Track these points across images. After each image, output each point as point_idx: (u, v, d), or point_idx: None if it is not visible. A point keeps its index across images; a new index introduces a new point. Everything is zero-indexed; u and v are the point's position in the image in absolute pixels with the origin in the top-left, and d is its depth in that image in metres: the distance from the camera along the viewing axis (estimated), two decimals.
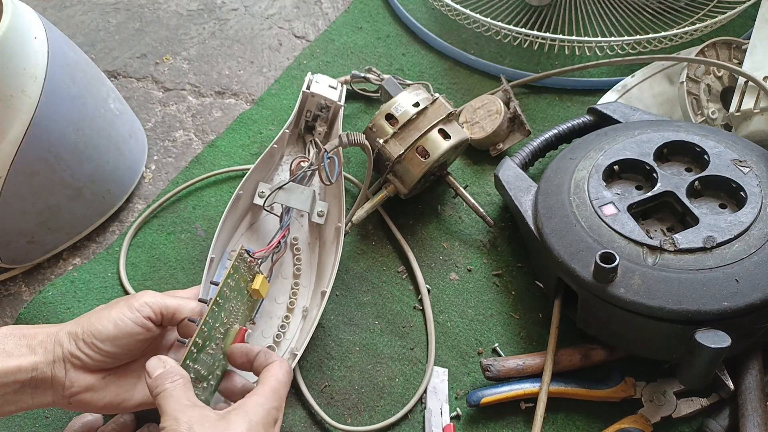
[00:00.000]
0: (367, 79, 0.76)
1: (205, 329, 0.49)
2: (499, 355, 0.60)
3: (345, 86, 0.74)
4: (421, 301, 0.64)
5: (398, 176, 0.65)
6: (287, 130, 0.67)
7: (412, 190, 0.66)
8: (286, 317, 0.60)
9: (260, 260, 0.56)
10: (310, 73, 0.71)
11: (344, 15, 0.91)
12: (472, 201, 0.66)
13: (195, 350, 0.48)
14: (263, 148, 0.76)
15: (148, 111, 0.81)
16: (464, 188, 0.68)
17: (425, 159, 0.63)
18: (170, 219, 0.71)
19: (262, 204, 0.61)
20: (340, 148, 0.60)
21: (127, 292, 0.65)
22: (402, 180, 0.65)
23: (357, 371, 0.60)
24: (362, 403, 0.58)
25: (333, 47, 0.86)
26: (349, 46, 0.86)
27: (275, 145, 0.65)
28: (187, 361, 0.48)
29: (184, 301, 0.52)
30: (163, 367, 0.46)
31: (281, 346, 0.58)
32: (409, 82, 0.74)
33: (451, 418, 0.57)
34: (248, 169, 0.64)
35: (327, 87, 0.70)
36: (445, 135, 0.64)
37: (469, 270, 0.66)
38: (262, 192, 0.62)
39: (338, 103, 0.70)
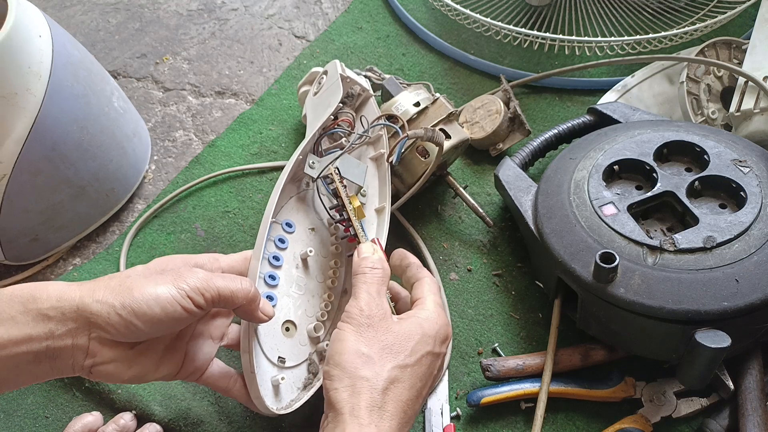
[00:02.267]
0: (368, 78, 0.76)
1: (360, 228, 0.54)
2: (499, 355, 0.60)
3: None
4: None
5: (399, 176, 0.65)
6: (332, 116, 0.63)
7: (413, 188, 0.66)
8: (329, 296, 0.58)
9: (323, 171, 0.57)
10: (336, 60, 0.67)
11: (344, 15, 0.91)
12: (472, 201, 0.66)
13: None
14: (263, 148, 0.76)
15: (148, 111, 0.81)
16: (464, 188, 0.68)
17: (425, 159, 0.63)
18: (170, 219, 0.71)
19: (316, 174, 0.58)
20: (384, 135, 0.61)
21: None
22: (402, 179, 0.65)
23: None
24: None
25: (333, 47, 0.86)
26: (349, 46, 0.86)
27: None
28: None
29: (235, 285, 0.46)
30: (371, 253, 0.50)
31: (325, 325, 0.57)
32: (407, 83, 0.74)
33: (451, 418, 0.57)
34: (249, 170, 0.65)
35: (355, 75, 0.68)
36: (446, 135, 0.64)
37: (469, 270, 0.66)
38: (313, 163, 0.58)
39: (369, 91, 0.67)
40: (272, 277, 0.54)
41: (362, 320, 0.45)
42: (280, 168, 0.74)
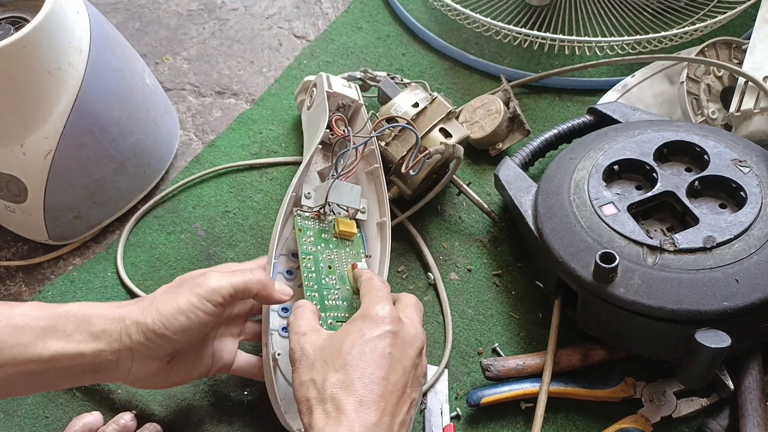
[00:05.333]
0: (363, 81, 0.76)
1: (312, 284, 0.54)
2: (499, 355, 0.60)
3: (356, 83, 0.73)
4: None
5: (402, 178, 0.65)
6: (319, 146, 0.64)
7: (417, 189, 0.66)
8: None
9: (317, 208, 0.59)
10: (323, 73, 0.68)
11: (344, 15, 0.91)
12: (476, 197, 0.67)
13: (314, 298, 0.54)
14: (263, 147, 0.76)
15: None
16: (467, 185, 0.68)
17: (422, 154, 0.63)
18: (170, 219, 0.71)
19: (313, 206, 0.60)
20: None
21: (128, 290, 0.65)
22: (405, 181, 0.65)
23: None
24: None
25: (333, 47, 0.86)
26: (349, 46, 0.86)
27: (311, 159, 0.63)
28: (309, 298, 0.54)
29: (247, 277, 0.50)
30: (294, 306, 0.52)
31: None
32: (405, 81, 0.74)
33: (451, 418, 0.57)
34: (247, 165, 0.65)
35: (342, 86, 0.68)
36: (446, 134, 0.65)
37: (469, 270, 0.66)
38: (308, 193, 0.60)
39: (359, 101, 0.68)
40: (285, 309, 0.57)
41: (296, 356, 0.47)
42: (280, 165, 0.75)
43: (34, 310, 0.46)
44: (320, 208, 0.59)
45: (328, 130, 0.64)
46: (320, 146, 0.65)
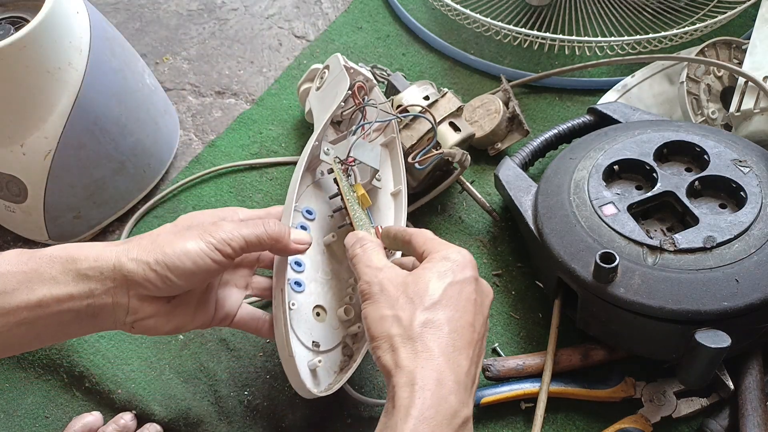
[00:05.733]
0: (374, 74, 0.76)
1: (363, 219, 0.53)
2: (499, 355, 0.60)
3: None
4: None
5: (408, 170, 0.65)
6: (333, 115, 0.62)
7: (421, 183, 0.66)
8: (355, 279, 0.56)
9: (354, 164, 0.58)
10: (338, 54, 0.66)
11: (344, 15, 0.91)
12: (479, 196, 0.67)
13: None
14: (263, 147, 0.76)
15: None
16: (470, 183, 0.68)
17: (436, 150, 0.64)
18: (170, 219, 0.70)
19: (331, 159, 0.58)
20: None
21: None
22: (412, 173, 0.65)
23: (356, 372, 0.60)
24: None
25: (333, 47, 0.86)
26: (349, 46, 0.86)
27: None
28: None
29: (260, 230, 0.48)
30: (354, 237, 0.49)
31: (355, 309, 0.56)
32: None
33: None
34: (247, 165, 0.65)
35: (357, 66, 0.67)
36: (455, 128, 0.65)
37: None
38: (327, 149, 0.59)
39: (373, 81, 0.67)
40: (298, 264, 0.54)
41: (373, 290, 0.45)
42: (281, 164, 0.75)
43: (14, 256, 0.43)
44: (344, 162, 0.58)
45: (343, 104, 0.63)
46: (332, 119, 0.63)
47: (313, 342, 0.52)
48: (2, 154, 0.61)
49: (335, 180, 0.56)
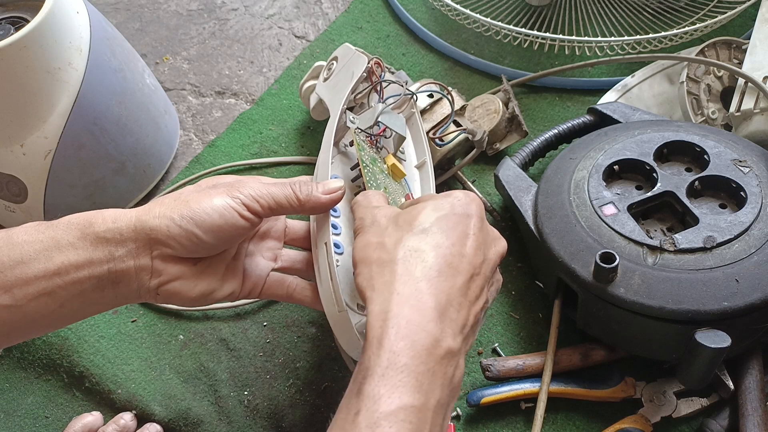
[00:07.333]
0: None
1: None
2: (499, 355, 0.60)
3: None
4: None
5: None
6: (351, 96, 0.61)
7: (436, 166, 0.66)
8: None
9: (368, 129, 0.55)
10: (347, 43, 0.66)
11: (344, 15, 0.91)
12: (480, 195, 0.67)
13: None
14: (263, 148, 0.76)
15: None
16: (472, 182, 0.68)
17: (439, 147, 0.65)
18: None
19: (363, 128, 0.57)
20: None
21: None
22: (433, 155, 0.66)
23: None
24: None
25: (333, 47, 0.86)
26: None
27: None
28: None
29: (288, 191, 0.46)
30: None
31: None
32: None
33: (452, 418, 0.57)
34: (247, 165, 0.64)
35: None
36: (459, 125, 0.66)
37: None
38: (353, 118, 0.58)
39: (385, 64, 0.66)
40: (334, 227, 0.52)
41: (365, 223, 0.43)
42: (281, 164, 0.75)
43: (32, 227, 0.42)
44: (371, 132, 0.56)
45: (362, 84, 0.61)
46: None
47: (359, 305, 0.50)
48: (2, 154, 0.61)
49: (361, 146, 0.55)
